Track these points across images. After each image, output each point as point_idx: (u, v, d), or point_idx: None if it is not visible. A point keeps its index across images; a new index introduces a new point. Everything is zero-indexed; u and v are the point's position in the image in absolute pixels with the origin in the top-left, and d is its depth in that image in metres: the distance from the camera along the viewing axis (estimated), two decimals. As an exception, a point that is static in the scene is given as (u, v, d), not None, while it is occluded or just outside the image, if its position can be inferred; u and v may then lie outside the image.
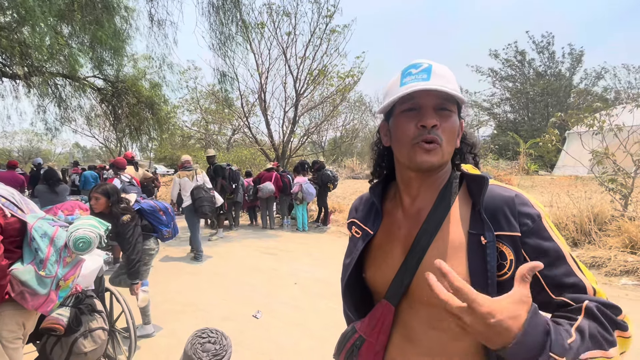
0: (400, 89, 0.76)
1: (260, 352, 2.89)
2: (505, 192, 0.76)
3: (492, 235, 0.72)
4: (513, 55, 21.86)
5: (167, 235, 3.29)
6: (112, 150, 23.86)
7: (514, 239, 0.72)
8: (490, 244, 0.72)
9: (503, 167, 13.29)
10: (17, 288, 1.60)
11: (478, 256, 0.72)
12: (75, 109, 10.87)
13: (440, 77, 0.75)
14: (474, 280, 0.71)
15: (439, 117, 0.76)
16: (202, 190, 5.66)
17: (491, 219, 0.74)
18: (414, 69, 0.78)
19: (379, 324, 0.83)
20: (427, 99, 0.75)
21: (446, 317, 0.74)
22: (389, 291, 0.82)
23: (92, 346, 2.05)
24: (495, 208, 0.74)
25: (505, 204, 0.74)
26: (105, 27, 7.88)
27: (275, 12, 10.68)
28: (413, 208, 0.84)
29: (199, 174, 5.90)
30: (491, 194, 0.76)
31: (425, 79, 0.75)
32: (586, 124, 5.88)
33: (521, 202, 0.74)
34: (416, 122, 0.76)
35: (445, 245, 0.76)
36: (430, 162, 0.76)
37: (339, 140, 21.64)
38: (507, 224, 0.73)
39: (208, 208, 5.66)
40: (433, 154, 0.75)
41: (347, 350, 0.88)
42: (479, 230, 0.74)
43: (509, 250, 0.72)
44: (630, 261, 4.49)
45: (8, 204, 1.63)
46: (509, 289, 0.69)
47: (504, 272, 0.71)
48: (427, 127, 0.74)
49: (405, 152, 0.79)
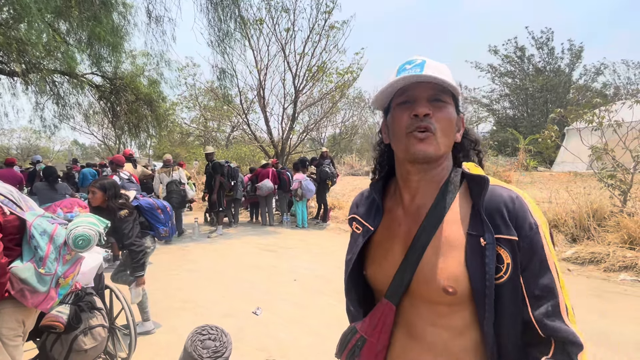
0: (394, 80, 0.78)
1: (260, 349, 2.90)
2: (505, 193, 0.76)
3: (491, 238, 0.71)
4: (512, 51, 21.83)
5: (163, 233, 3.28)
6: (111, 148, 23.83)
7: (512, 242, 0.71)
8: (489, 246, 0.71)
9: (502, 163, 13.28)
10: (17, 286, 1.60)
11: (476, 258, 0.72)
12: (73, 106, 10.85)
13: (433, 69, 0.76)
14: (472, 282, 0.71)
15: (433, 107, 0.77)
16: (174, 185, 6.96)
17: (490, 220, 0.73)
18: (408, 65, 0.79)
19: (380, 323, 0.83)
20: (420, 90, 0.77)
21: (447, 313, 0.75)
22: (390, 289, 0.82)
23: (92, 343, 2.06)
24: (494, 210, 0.74)
25: (505, 206, 0.73)
26: (103, 24, 7.83)
27: (273, 8, 10.61)
28: (413, 205, 0.84)
29: (175, 171, 7.07)
30: (491, 195, 0.75)
31: (418, 72, 0.76)
32: (585, 120, 5.88)
33: (520, 206, 0.74)
34: (410, 112, 0.77)
35: (444, 244, 0.76)
36: (424, 151, 0.76)
37: (338, 137, 21.63)
38: (505, 226, 0.72)
39: (175, 200, 6.81)
40: (427, 143, 0.76)
41: (349, 351, 0.87)
42: (479, 231, 0.73)
43: (507, 253, 0.71)
44: (629, 257, 4.51)
45: (7, 201, 1.63)
46: (502, 292, 0.71)
47: (499, 275, 0.71)
48: (419, 116, 0.75)
49: (401, 143, 0.80)
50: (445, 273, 0.73)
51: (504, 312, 0.72)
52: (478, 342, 0.75)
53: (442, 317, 0.76)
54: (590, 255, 4.73)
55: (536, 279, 0.71)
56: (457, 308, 0.74)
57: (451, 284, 0.72)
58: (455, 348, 0.75)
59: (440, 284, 0.73)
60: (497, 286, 0.71)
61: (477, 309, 0.72)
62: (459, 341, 0.75)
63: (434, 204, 0.80)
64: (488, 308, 0.70)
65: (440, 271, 0.74)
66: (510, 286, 0.71)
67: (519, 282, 0.72)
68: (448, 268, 0.73)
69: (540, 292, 0.70)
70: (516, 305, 0.72)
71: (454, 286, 0.72)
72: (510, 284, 0.71)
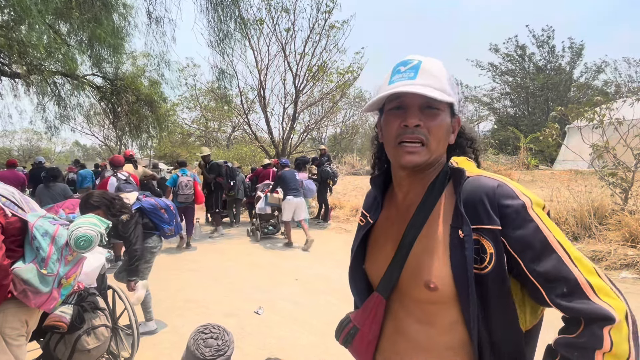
0: (388, 87, 0.77)
1: (261, 348, 2.91)
2: (489, 182, 0.74)
3: (468, 229, 0.71)
4: (513, 49, 21.77)
5: (169, 233, 3.29)
6: (112, 149, 23.85)
7: (494, 232, 0.70)
8: (467, 237, 0.71)
9: (503, 162, 13.26)
10: (20, 286, 1.61)
11: (458, 250, 0.72)
12: (74, 107, 10.83)
13: (428, 75, 0.75)
14: (456, 275, 0.71)
15: (425, 116, 0.75)
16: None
17: (472, 211, 0.72)
18: (402, 67, 0.78)
19: (372, 315, 0.85)
20: (413, 98, 0.75)
21: (433, 311, 0.75)
22: (381, 284, 0.84)
23: (95, 343, 2.07)
24: (475, 201, 0.72)
25: (486, 195, 0.72)
26: (103, 25, 7.84)
27: (274, 8, 10.63)
28: (404, 203, 0.86)
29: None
30: (473, 186, 0.74)
31: (411, 77, 0.75)
32: (586, 118, 5.86)
33: (503, 193, 0.71)
34: (400, 121, 0.76)
35: (429, 241, 0.76)
36: (413, 162, 0.76)
37: (339, 136, 21.61)
38: (486, 216, 0.71)
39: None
40: (416, 154, 0.76)
41: (344, 338, 0.92)
42: (458, 224, 0.73)
43: (489, 243, 0.70)
44: (630, 255, 4.50)
45: (9, 203, 1.64)
46: (488, 284, 0.70)
47: (483, 265, 0.71)
48: (409, 127, 0.75)
49: (390, 151, 0.81)
50: (428, 269, 0.74)
51: (491, 305, 0.71)
52: (464, 341, 0.75)
53: (429, 314, 0.77)
54: (592, 254, 4.72)
55: (540, 262, 0.67)
56: (443, 306, 0.74)
57: (433, 280, 0.73)
58: (441, 346, 0.76)
59: (423, 280, 0.74)
60: (482, 276, 0.70)
61: (462, 305, 0.72)
62: (445, 339, 0.76)
63: (422, 201, 0.81)
64: (472, 299, 0.70)
65: (423, 267, 0.75)
66: (495, 276, 0.70)
67: (504, 272, 0.70)
68: (432, 264, 0.74)
69: (549, 274, 0.66)
70: (504, 297, 0.71)
71: (435, 282, 0.72)
72: (494, 274, 0.70)
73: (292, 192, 6.52)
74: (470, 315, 0.71)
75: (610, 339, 0.61)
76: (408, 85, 0.74)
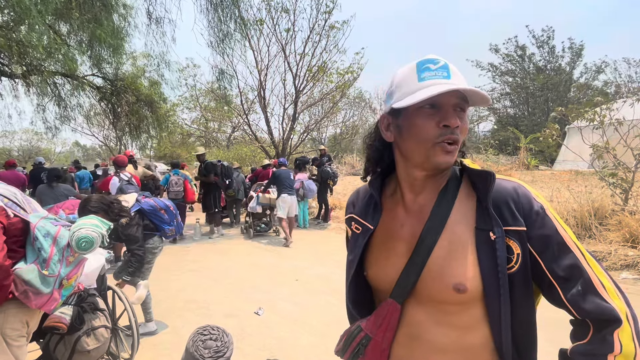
0: (420, 84, 0.74)
1: (261, 348, 2.91)
2: (509, 185, 0.76)
3: (501, 231, 0.72)
4: (513, 50, 21.78)
5: (170, 233, 3.29)
6: (112, 149, 23.86)
7: (520, 233, 0.72)
8: (499, 239, 0.72)
9: (503, 162, 13.28)
10: (21, 287, 1.61)
11: (487, 252, 0.72)
12: (74, 108, 10.83)
13: (458, 76, 0.74)
14: (485, 277, 0.72)
15: (458, 117, 0.75)
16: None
17: (497, 213, 0.73)
18: (432, 64, 0.75)
19: (385, 322, 0.82)
20: (448, 97, 0.73)
21: (455, 312, 0.75)
22: (395, 290, 0.81)
23: (95, 344, 2.07)
24: (502, 203, 0.74)
25: (510, 197, 0.74)
26: (104, 25, 7.83)
27: (274, 8, 10.63)
28: (415, 204, 0.83)
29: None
30: (496, 189, 0.75)
31: (446, 77, 0.73)
32: (586, 119, 5.87)
33: (524, 195, 0.74)
34: (437, 121, 0.73)
35: (452, 243, 0.75)
36: (449, 162, 0.76)
37: (339, 136, 21.61)
38: (512, 218, 0.73)
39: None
40: (452, 155, 0.75)
41: (353, 349, 0.87)
42: (487, 226, 0.73)
43: (516, 244, 0.72)
44: (631, 255, 4.50)
45: (10, 204, 1.64)
46: (514, 284, 0.71)
47: (511, 265, 0.72)
48: (450, 127, 0.73)
49: (423, 151, 0.76)
50: (455, 271, 0.73)
51: (517, 303, 0.72)
52: (487, 339, 0.75)
53: (450, 316, 0.76)
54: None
55: (558, 261, 0.70)
56: (466, 306, 0.74)
57: (462, 282, 0.72)
58: (463, 346, 0.76)
59: (450, 283, 0.73)
60: (509, 276, 0.72)
61: (490, 304, 0.72)
62: (467, 339, 0.75)
63: (437, 202, 0.79)
64: (504, 300, 0.71)
65: (450, 270, 0.74)
66: (521, 276, 0.72)
67: (528, 271, 0.72)
68: (458, 266, 0.73)
69: (566, 273, 0.70)
70: (528, 297, 0.73)
71: (465, 284, 0.72)
72: (520, 274, 0.72)
73: (286, 190, 6.70)
74: (502, 316, 0.71)
75: (620, 341, 0.65)
76: (454, 85, 0.72)
